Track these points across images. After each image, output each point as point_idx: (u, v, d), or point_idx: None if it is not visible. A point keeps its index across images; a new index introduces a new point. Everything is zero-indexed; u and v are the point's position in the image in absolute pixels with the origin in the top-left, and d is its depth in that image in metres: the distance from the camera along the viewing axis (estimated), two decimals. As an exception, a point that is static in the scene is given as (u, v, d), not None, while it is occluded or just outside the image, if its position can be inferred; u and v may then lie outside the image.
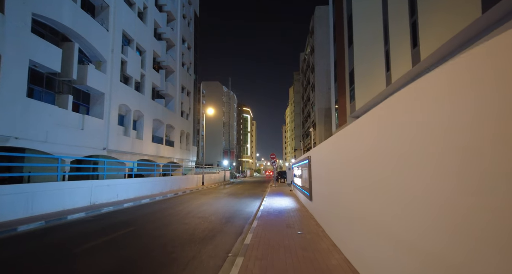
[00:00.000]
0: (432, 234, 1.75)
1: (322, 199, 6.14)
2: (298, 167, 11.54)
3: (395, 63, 9.22)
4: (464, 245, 1.45)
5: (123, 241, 5.57)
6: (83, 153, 14.62)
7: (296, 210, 8.95)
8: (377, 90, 10.87)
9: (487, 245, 1.29)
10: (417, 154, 1.95)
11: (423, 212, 1.87)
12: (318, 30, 33.85)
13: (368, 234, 3.08)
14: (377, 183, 2.75)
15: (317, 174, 6.80)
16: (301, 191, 10.17)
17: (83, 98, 16.20)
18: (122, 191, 13.02)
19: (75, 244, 5.28)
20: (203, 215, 8.67)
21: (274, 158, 22.42)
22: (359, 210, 3.45)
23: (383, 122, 2.65)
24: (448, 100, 1.62)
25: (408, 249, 2.06)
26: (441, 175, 1.67)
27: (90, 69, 15.27)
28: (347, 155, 4.04)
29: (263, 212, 8.70)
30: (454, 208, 1.54)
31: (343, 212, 4.24)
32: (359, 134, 3.46)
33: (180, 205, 11.31)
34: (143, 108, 21.24)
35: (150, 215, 8.70)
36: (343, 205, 4.28)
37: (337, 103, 20.34)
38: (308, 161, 7.84)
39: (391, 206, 2.41)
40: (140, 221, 7.67)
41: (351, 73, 15.01)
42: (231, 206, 10.93)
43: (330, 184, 5.27)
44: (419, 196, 1.92)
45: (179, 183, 20.68)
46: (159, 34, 26.32)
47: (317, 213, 7.04)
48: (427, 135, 1.83)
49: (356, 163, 3.55)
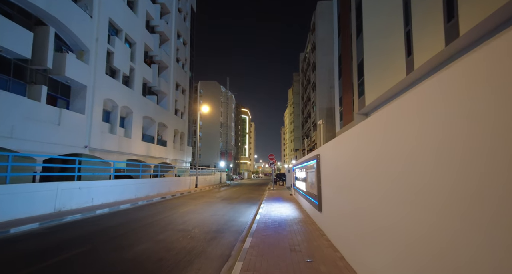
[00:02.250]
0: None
1: (338, 211, 4.57)
2: (301, 169, 9.96)
3: (420, 45, 7.73)
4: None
5: (58, 272, 3.96)
6: (59, 151, 12.99)
7: (299, 222, 7.36)
8: (394, 80, 9.35)
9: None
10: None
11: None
12: (320, 26, 32.46)
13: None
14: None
15: (330, 178, 5.24)
16: (305, 197, 8.58)
17: (62, 91, 14.58)
18: (99, 195, 11.37)
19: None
20: (186, 227, 7.05)
21: (273, 159, 20.83)
22: (414, 235, 1.89)
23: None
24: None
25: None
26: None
27: (69, 58, 13.70)
28: (387, 152, 2.51)
29: (260, 223, 7.11)
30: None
31: (382, 235, 2.68)
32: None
33: (163, 212, 9.69)
34: (132, 105, 19.63)
35: (121, 227, 7.08)
36: (379, 225, 2.73)
37: (342, 101, 18.83)
38: (316, 161, 6.27)
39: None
40: (103, 236, 6.05)
41: (360, 66, 13.50)
42: (222, 214, 9.31)
43: (351, 192, 3.73)
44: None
45: (169, 185, 19.02)
46: (152, 27, 24.84)
47: (329, 228, 5.45)
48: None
49: (402, 164, 2.12)
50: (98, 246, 5.21)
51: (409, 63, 8.35)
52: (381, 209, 2.67)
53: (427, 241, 1.87)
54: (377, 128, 2.88)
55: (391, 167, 2.46)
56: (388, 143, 2.56)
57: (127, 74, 19.36)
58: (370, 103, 12.16)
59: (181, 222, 7.65)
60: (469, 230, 1.46)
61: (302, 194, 9.49)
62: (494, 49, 1.35)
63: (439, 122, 1.75)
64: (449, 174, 1.63)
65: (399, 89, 9.60)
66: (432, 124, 1.84)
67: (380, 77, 10.79)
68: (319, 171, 6.15)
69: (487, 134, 1.35)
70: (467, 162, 1.48)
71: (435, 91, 1.83)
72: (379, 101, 11.40)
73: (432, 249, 1.82)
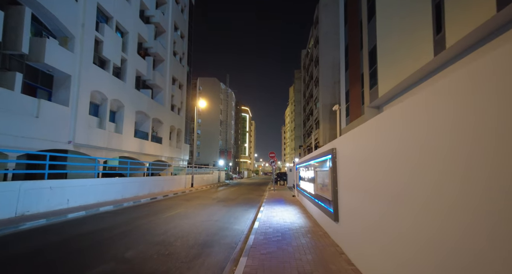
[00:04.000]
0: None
1: (366, 223, 3.23)
2: (308, 167, 8.60)
3: (454, 19, 6.37)
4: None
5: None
6: (37, 146, 11.67)
7: (308, 232, 6.01)
8: (417, 64, 7.98)
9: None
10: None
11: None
12: (324, 19, 31.06)
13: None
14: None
15: (352, 178, 3.89)
16: (314, 201, 7.22)
17: (43, 80, 13.25)
18: (76, 196, 10.03)
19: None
20: (166, 238, 5.70)
21: (273, 157, 19.46)
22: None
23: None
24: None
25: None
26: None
27: (50, 44, 12.35)
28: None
29: (258, 234, 5.77)
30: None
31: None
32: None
33: (146, 216, 8.34)
34: (124, 98, 18.29)
35: (87, 237, 5.74)
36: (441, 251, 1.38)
37: (348, 95, 17.45)
38: (331, 157, 4.91)
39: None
40: (53, 252, 4.70)
41: (372, 53, 12.12)
42: (215, 219, 7.97)
43: (392, 199, 2.39)
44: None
45: (162, 184, 17.69)
46: (147, 17, 23.49)
47: (351, 245, 4.10)
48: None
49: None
50: (37, 270, 3.87)
51: (438, 42, 6.98)
52: (446, 226, 1.35)
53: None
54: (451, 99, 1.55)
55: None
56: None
57: (118, 65, 18.01)
58: (384, 95, 10.79)
59: (163, 231, 6.30)
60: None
61: (309, 197, 8.14)
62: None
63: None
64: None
65: (423, 75, 8.23)
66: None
67: (397, 64, 9.43)
68: (335, 169, 4.80)
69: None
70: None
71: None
72: (395, 91, 10.03)
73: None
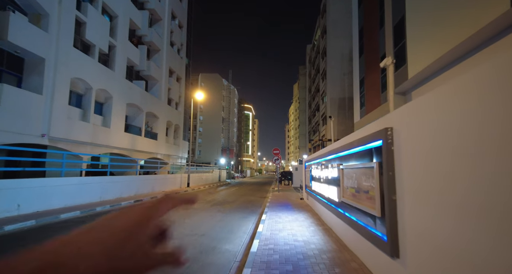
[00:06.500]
0: None
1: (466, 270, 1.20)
2: (325, 164, 6.57)
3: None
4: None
5: None
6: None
7: (335, 265, 4.00)
8: (476, 26, 5.88)
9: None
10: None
11: None
12: (332, 7, 28.88)
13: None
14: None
15: (429, 181, 1.87)
16: (337, 212, 5.16)
17: (10, 63, 11.39)
18: (33, 199, 8.12)
19: None
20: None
21: (277, 154, 17.45)
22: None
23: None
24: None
25: None
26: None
27: (15, 20, 10.47)
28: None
29: (257, 267, 3.79)
30: None
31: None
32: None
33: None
34: (112, 89, 16.42)
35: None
36: None
37: (363, 83, 15.35)
38: (384, 144, 2.90)
39: None
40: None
41: (398, 27, 10.02)
42: (201, 233, 6.00)
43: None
44: None
45: (153, 184, 15.82)
46: (142, 3, 21.63)
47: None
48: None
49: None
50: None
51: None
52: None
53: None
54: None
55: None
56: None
57: (106, 51, 16.14)
58: (415, 76, 8.70)
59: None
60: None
61: (328, 204, 6.09)
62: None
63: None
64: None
65: (474, 45, 6.16)
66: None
67: (435, 35, 7.36)
68: (391, 164, 2.78)
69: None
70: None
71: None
72: (433, 68, 7.94)
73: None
